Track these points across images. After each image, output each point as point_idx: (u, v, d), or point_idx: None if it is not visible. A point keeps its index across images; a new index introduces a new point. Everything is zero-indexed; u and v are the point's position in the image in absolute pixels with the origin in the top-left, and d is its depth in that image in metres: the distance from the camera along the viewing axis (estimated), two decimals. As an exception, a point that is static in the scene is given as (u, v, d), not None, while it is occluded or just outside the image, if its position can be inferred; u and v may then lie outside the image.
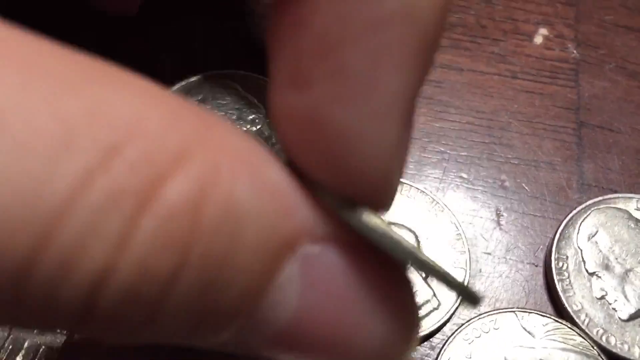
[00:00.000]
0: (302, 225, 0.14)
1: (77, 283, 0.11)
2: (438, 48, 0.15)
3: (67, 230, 0.11)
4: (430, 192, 0.33)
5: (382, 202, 0.15)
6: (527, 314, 0.30)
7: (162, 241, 0.12)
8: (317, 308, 0.14)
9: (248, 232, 0.13)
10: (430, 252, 0.32)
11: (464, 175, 0.34)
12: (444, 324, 0.30)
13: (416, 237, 0.33)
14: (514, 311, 0.30)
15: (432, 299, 0.31)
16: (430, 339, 0.30)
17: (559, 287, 0.30)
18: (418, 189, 0.33)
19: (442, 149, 0.34)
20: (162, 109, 0.12)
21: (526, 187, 0.33)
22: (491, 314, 0.30)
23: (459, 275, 0.32)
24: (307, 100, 0.14)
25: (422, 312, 0.31)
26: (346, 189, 0.14)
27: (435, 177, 0.34)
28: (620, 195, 0.32)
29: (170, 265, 0.12)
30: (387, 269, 0.15)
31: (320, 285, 0.14)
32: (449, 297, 0.31)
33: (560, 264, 0.31)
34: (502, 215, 0.33)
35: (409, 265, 0.16)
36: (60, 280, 0.11)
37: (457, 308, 0.30)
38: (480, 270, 0.32)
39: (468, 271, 0.32)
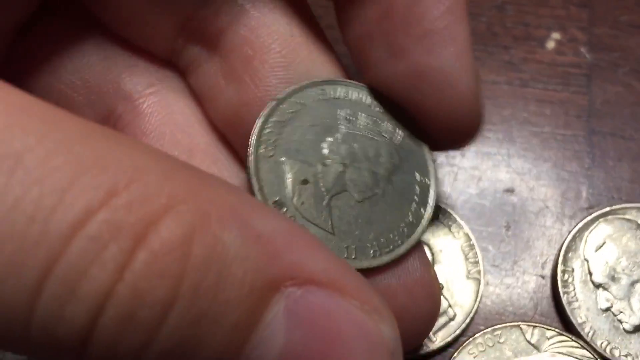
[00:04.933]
0: (286, 268, 0.15)
1: (80, 304, 0.13)
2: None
3: (70, 255, 0.13)
4: (441, 204, 0.34)
5: (475, 122, 0.21)
6: (532, 327, 0.31)
7: (155, 271, 0.14)
8: (302, 346, 0.15)
9: (235, 272, 0.14)
10: (445, 263, 0.33)
11: (472, 189, 0.35)
12: (460, 335, 0.31)
13: (430, 249, 0.34)
14: (519, 325, 0.31)
15: (447, 310, 0.32)
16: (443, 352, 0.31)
17: (564, 299, 0.31)
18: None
19: (451, 162, 0.35)
20: (161, 164, 0.15)
21: (535, 198, 0.34)
22: (496, 329, 0.31)
23: (473, 286, 0.33)
24: (406, 62, 0.20)
25: (438, 324, 0.32)
26: (446, 119, 0.20)
27: (444, 189, 0.35)
28: (629, 205, 0.33)
29: (164, 293, 0.14)
30: (368, 305, 0.16)
31: (304, 325, 0.15)
32: (464, 308, 0.32)
33: (566, 276, 0.32)
34: (510, 227, 0.34)
35: None
36: (65, 301, 0.13)
37: (472, 319, 0.32)
38: (487, 283, 0.33)
39: (482, 281, 0.33)
